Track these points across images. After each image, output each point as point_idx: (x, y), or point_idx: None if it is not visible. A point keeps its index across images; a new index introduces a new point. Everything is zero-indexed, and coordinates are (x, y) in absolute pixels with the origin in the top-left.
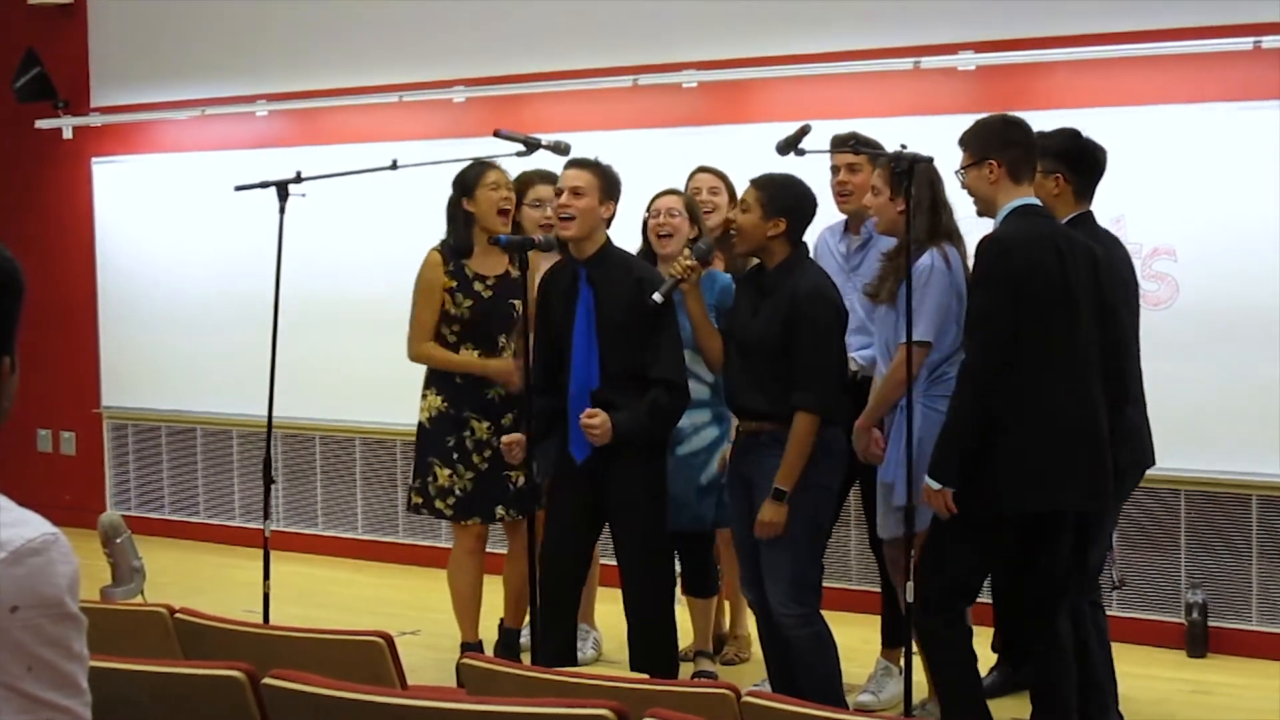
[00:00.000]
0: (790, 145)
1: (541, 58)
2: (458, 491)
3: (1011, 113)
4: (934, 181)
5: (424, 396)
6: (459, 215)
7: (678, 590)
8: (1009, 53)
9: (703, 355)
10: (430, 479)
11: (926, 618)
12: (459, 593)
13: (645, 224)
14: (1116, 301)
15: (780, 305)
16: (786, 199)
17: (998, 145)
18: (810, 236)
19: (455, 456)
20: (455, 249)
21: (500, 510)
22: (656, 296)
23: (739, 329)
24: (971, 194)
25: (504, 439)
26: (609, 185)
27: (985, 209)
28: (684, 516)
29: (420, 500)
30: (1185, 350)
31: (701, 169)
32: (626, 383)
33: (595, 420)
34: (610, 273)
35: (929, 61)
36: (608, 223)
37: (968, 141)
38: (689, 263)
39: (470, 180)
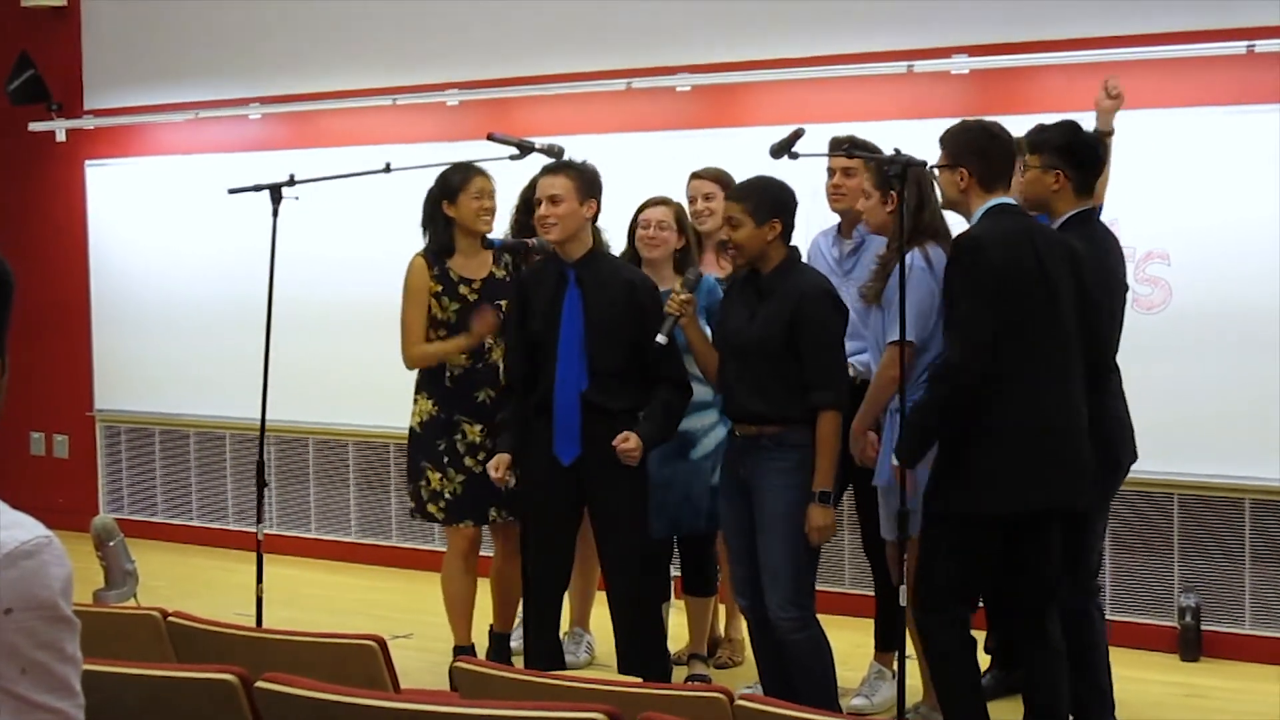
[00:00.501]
0: (784, 149)
1: (535, 61)
2: (448, 495)
3: (995, 120)
4: (921, 183)
5: (415, 401)
6: (438, 216)
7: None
8: (1002, 56)
9: (705, 375)
10: (423, 483)
11: (924, 619)
12: (451, 597)
13: (632, 230)
14: (1099, 297)
15: (783, 307)
16: (771, 200)
17: (971, 154)
18: (804, 240)
19: (446, 460)
20: (437, 252)
21: (493, 513)
22: (660, 339)
23: (734, 334)
24: (941, 190)
25: (490, 466)
26: (586, 185)
27: (949, 207)
28: (700, 519)
29: (415, 505)
30: (1178, 354)
31: (697, 174)
32: (615, 383)
33: (631, 444)
34: (600, 275)
35: (922, 65)
36: (594, 220)
37: (945, 143)
38: (684, 297)
39: (454, 185)
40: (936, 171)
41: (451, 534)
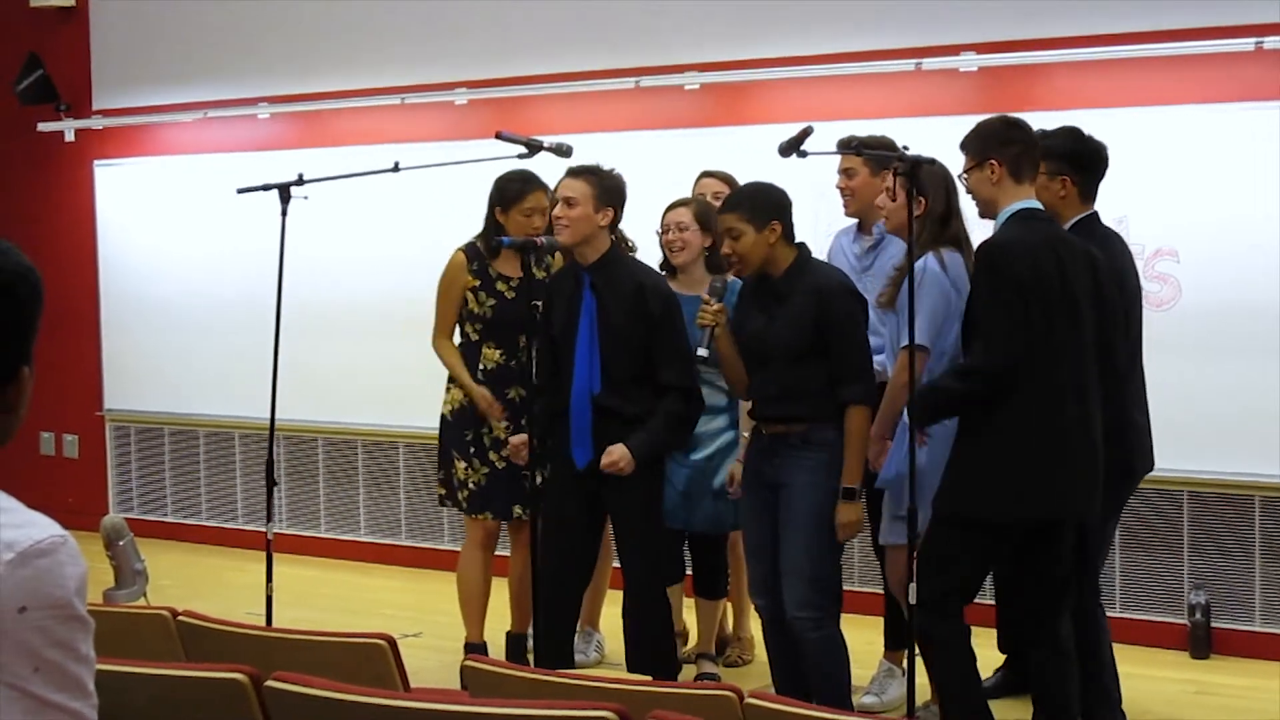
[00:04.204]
0: (792, 147)
1: (544, 60)
2: (471, 485)
3: (1012, 114)
4: (950, 189)
5: (447, 389)
6: (491, 221)
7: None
8: (1011, 54)
9: (731, 386)
10: (452, 471)
11: (923, 617)
12: (466, 590)
13: (661, 236)
14: (1116, 305)
15: (805, 307)
16: (765, 204)
17: (997, 145)
18: (814, 237)
19: (472, 451)
20: (480, 249)
21: (518, 510)
22: (701, 352)
23: (753, 338)
24: (974, 196)
25: (511, 440)
26: (604, 192)
27: (987, 210)
28: (700, 518)
29: (444, 492)
30: (1188, 351)
31: (707, 173)
32: (628, 387)
33: (615, 457)
34: (614, 279)
35: (931, 63)
36: (612, 228)
37: (969, 144)
38: (715, 307)
39: (509, 197)
40: (966, 177)
41: (470, 525)
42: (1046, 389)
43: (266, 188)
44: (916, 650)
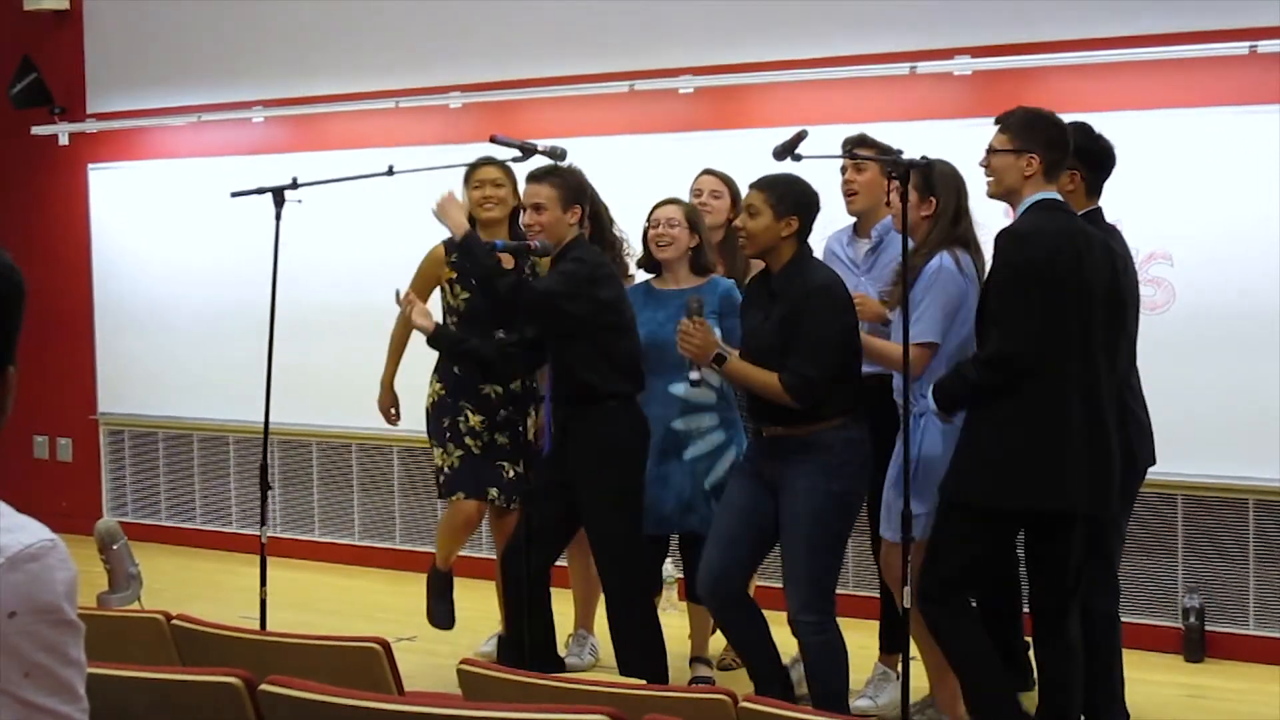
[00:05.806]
0: (787, 150)
1: (538, 63)
2: (446, 470)
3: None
4: (960, 189)
5: (430, 384)
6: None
7: (675, 595)
8: (1005, 58)
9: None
10: (433, 459)
11: (929, 610)
12: (447, 526)
13: (646, 232)
14: (1127, 299)
15: (786, 306)
16: (796, 196)
17: (1044, 143)
18: (819, 243)
19: (447, 436)
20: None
21: (493, 492)
22: (694, 375)
23: (751, 337)
24: (998, 176)
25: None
26: (569, 192)
27: (1003, 195)
28: (692, 520)
29: (439, 482)
30: (1182, 355)
31: (707, 171)
32: (578, 364)
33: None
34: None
35: (925, 66)
36: (581, 222)
37: (1015, 127)
38: (683, 327)
39: (465, 176)
40: (996, 156)
41: (449, 508)
42: (1057, 379)
43: (260, 191)
44: (911, 653)
